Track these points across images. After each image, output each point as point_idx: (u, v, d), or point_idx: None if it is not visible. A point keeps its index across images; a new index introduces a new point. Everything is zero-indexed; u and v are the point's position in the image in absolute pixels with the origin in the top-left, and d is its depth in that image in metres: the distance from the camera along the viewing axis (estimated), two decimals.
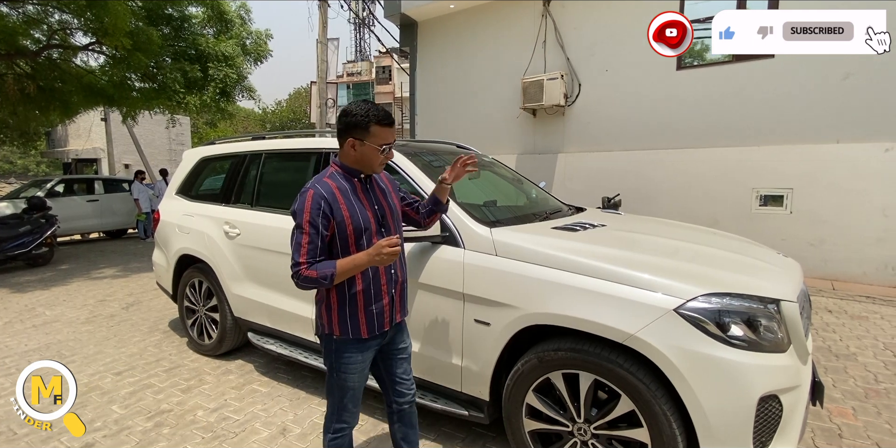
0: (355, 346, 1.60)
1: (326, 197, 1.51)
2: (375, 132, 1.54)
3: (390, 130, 1.57)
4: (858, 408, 2.51)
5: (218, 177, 3.55)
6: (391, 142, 1.57)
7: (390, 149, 1.58)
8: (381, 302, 1.60)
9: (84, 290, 5.48)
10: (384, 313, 1.61)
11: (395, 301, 1.65)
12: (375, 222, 1.59)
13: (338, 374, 1.62)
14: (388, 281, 1.62)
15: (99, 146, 19.93)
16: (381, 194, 1.66)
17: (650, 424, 1.61)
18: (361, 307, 1.57)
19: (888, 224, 4.71)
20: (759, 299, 1.64)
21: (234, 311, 3.11)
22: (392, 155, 1.61)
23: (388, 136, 1.56)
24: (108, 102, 8.90)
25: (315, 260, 1.50)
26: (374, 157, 1.56)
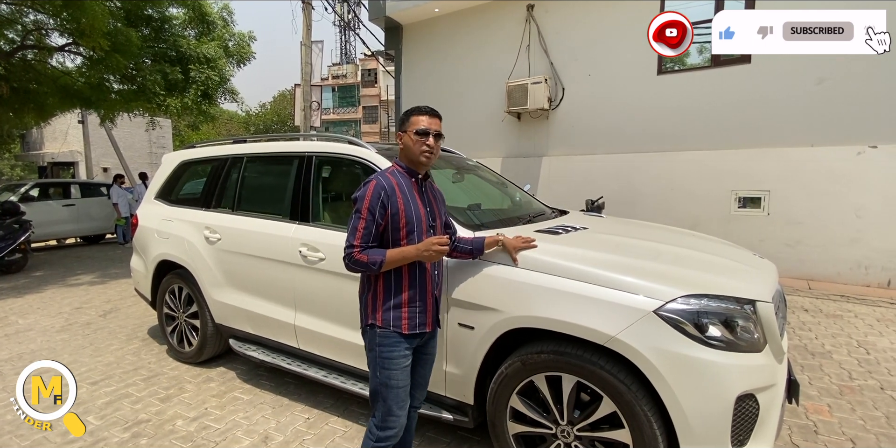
0: (397, 340, 1.62)
1: (386, 188, 1.61)
2: (413, 121, 1.67)
3: (427, 118, 1.66)
4: (834, 404, 2.57)
5: (198, 181, 3.49)
6: (430, 127, 1.65)
7: (431, 136, 1.64)
8: (424, 301, 1.66)
9: (59, 297, 5.33)
10: (426, 313, 1.66)
11: (435, 305, 1.71)
12: (426, 221, 1.67)
13: (381, 371, 1.63)
14: (432, 282, 1.68)
15: (76, 149, 19.46)
16: (434, 200, 1.76)
17: (631, 425, 1.62)
18: (405, 301, 1.63)
19: (861, 225, 4.86)
20: (735, 300, 1.68)
21: (215, 317, 3.06)
22: (432, 142, 1.65)
23: (425, 123, 1.65)
24: (85, 104, 8.71)
25: (367, 245, 1.60)
26: (414, 145, 1.65)
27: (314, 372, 2.52)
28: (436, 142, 1.67)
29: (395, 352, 1.62)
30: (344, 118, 35.01)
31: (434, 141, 1.66)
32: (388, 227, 1.62)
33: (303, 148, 2.78)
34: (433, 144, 1.65)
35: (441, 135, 1.70)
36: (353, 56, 35.62)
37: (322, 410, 2.60)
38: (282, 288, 2.63)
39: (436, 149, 1.67)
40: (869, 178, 4.81)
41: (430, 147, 1.65)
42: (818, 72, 4.99)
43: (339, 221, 2.68)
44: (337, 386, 2.39)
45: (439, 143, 1.69)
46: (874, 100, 4.76)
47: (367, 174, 3.13)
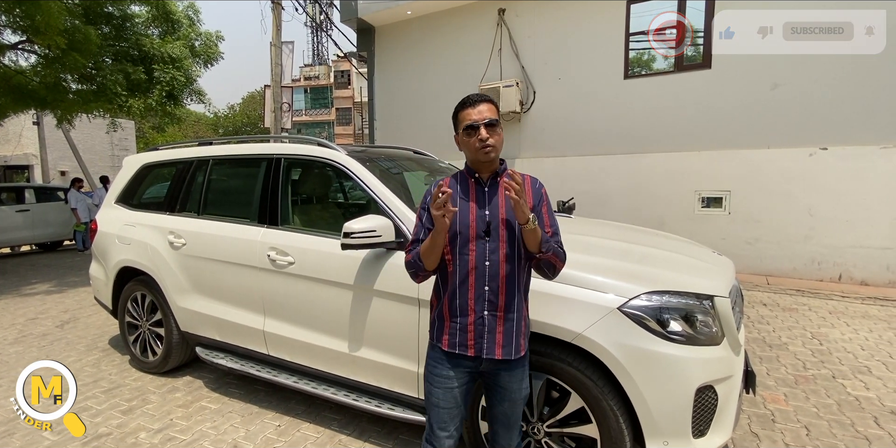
0: (439, 356, 1.48)
1: (432, 193, 1.40)
2: (460, 118, 1.44)
3: (472, 109, 1.42)
4: (789, 394, 2.71)
5: (162, 184, 3.38)
6: (476, 119, 1.40)
7: (482, 128, 1.39)
8: (465, 317, 1.42)
9: (13, 307, 5.04)
10: (468, 332, 1.42)
11: (489, 326, 1.41)
12: (478, 228, 1.41)
13: (425, 385, 1.51)
14: (478, 297, 1.41)
15: (31, 152, 18.48)
16: (504, 199, 1.43)
17: (599, 420, 1.67)
18: (447, 315, 1.45)
19: (814, 223, 5.14)
20: (695, 296, 1.75)
21: (180, 325, 2.96)
22: (485, 134, 1.39)
23: (471, 115, 1.41)
24: (40, 105, 8.29)
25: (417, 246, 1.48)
26: (467, 143, 1.43)
27: (284, 378, 2.47)
28: (491, 132, 1.40)
29: (437, 369, 1.47)
30: (317, 120, 34.52)
31: (487, 131, 1.40)
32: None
33: (271, 150, 2.74)
34: (486, 136, 1.39)
35: (494, 123, 1.41)
36: (325, 57, 35.22)
37: (293, 417, 2.55)
38: (250, 293, 2.58)
39: (496, 140, 1.41)
40: (820, 178, 5.09)
41: (483, 140, 1.39)
42: (773, 77, 5.26)
43: (310, 224, 2.65)
44: (308, 392, 2.35)
45: (496, 133, 1.42)
46: (824, 104, 5.05)
47: (338, 176, 3.14)
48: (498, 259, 1.40)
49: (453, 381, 1.46)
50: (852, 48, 4.87)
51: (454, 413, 1.47)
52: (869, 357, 3.18)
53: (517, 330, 1.44)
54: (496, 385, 1.48)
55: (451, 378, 1.45)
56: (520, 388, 1.49)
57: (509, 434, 1.54)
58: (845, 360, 3.13)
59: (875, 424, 2.36)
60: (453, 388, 1.46)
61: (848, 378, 2.88)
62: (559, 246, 1.45)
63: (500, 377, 1.46)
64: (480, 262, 1.41)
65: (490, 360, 1.43)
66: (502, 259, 1.40)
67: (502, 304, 1.42)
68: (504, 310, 1.42)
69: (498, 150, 1.43)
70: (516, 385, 1.48)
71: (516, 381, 1.47)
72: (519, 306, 1.45)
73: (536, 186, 1.50)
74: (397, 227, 2.07)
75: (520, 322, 1.45)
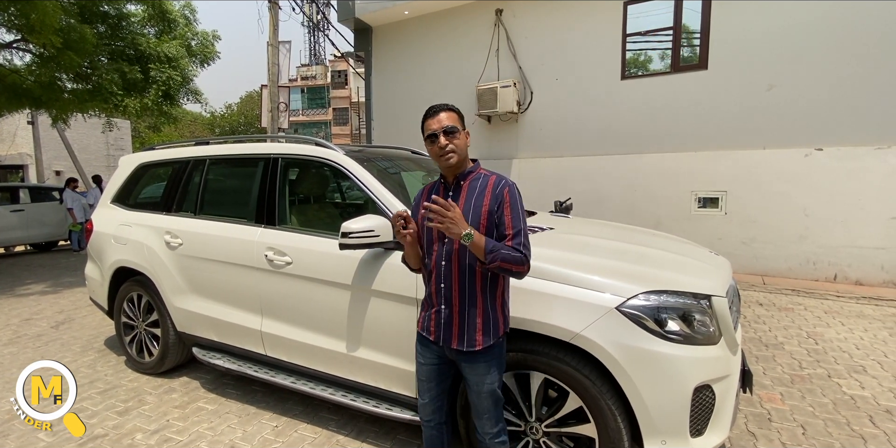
0: (419, 336, 1.67)
1: (416, 199, 1.70)
2: (424, 127, 1.58)
3: (432, 119, 1.55)
4: (786, 393, 2.72)
5: (158, 184, 3.37)
6: (434, 128, 1.53)
7: (440, 136, 1.51)
8: (432, 308, 1.60)
9: (7, 308, 5.01)
10: (431, 321, 1.59)
11: (446, 320, 1.54)
12: (439, 232, 1.51)
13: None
14: (437, 292, 1.55)
15: (25, 151, 18.33)
16: (464, 203, 1.54)
17: (597, 419, 1.67)
18: (424, 303, 1.65)
19: (809, 223, 5.16)
20: (692, 295, 1.75)
21: (177, 325, 2.95)
22: (443, 141, 1.51)
23: (431, 125, 1.55)
24: (35, 104, 8.23)
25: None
26: (430, 151, 1.58)
27: (282, 378, 2.46)
28: (449, 139, 1.52)
29: (419, 346, 1.67)
30: (314, 120, 34.44)
31: (446, 139, 1.52)
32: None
33: (268, 150, 2.73)
34: (444, 143, 1.51)
35: (452, 130, 1.53)
36: (322, 57, 35.16)
37: (291, 418, 2.55)
38: (247, 293, 2.57)
39: (455, 145, 1.52)
40: (815, 179, 5.11)
41: (441, 148, 1.52)
42: (768, 78, 5.28)
43: (307, 224, 2.65)
44: (306, 392, 2.35)
45: (456, 138, 1.53)
46: (820, 105, 5.08)
47: (336, 176, 3.13)
48: (452, 259, 1.52)
49: (425, 358, 1.65)
50: (846, 48, 4.90)
51: (429, 386, 1.66)
52: (864, 356, 3.20)
53: (471, 326, 1.53)
54: (462, 375, 1.62)
55: (428, 358, 1.64)
56: (482, 382, 1.56)
57: (480, 423, 1.63)
58: (841, 360, 3.15)
59: (870, 423, 2.38)
60: (424, 364, 1.65)
61: (843, 377, 2.90)
62: (516, 249, 1.45)
63: (463, 367, 1.59)
64: (439, 262, 1.55)
65: (450, 349, 1.57)
66: (455, 259, 1.52)
67: (456, 301, 1.53)
68: (458, 306, 1.53)
69: (459, 154, 1.54)
70: (477, 378, 1.56)
71: (477, 374, 1.56)
72: (473, 304, 1.53)
73: (498, 188, 1.53)
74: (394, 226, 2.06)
75: (474, 319, 1.53)
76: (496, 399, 1.60)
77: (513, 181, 1.59)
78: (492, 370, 1.56)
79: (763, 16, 5.27)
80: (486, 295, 1.54)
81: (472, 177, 1.58)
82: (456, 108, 1.60)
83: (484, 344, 1.53)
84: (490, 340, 1.53)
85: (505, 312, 1.60)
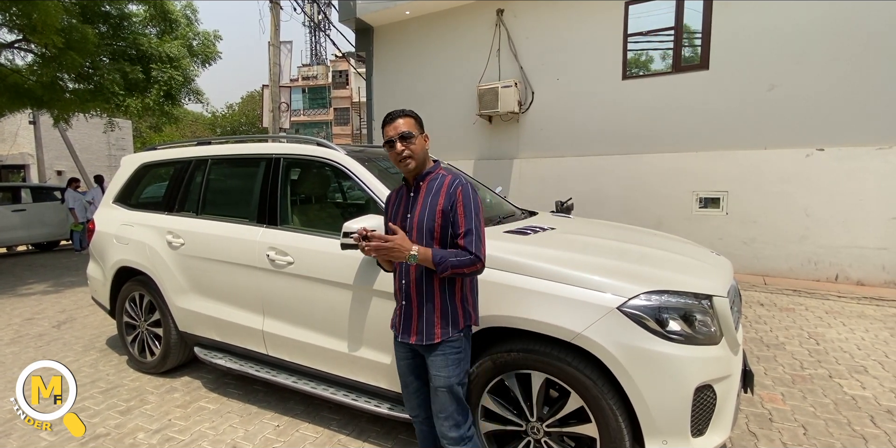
0: (394, 334, 1.72)
1: (387, 201, 1.80)
2: (383, 133, 1.66)
3: (389, 126, 1.63)
4: (787, 393, 2.72)
5: (160, 184, 3.37)
6: (391, 135, 1.62)
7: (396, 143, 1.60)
8: (397, 304, 1.68)
9: (9, 308, 5.02)
10: (397, 317, 1.67)
11: (406, 315, 1.64)
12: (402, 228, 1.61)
13: None
14: (399, 291, 1.66)
15: (27, 151, 18.36)
16: (422, 204, 1.62)
17: (598, 419, 1.67)
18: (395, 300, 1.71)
19: (810, 223, 5.16)
20: (693, 295, 1.75)
21: (179, 325, 2.95)
22: (399, 147, 1.60)
23: (388, 132, 1.63)
24: (36, 104, 8.24)
25: None
26: (390, 157, 1.65)
27: (283, 378, 2.47)
28: (406, 144, 1.60)
29: (395, 343, 1.73)
30: (315, 120, 34.46)
31: (403, 144, 1.60)
32: None
33: (270, 150, 2.73)
34: (400, 149, 1.60)
35: (408, 135, 1.60)
36: (323, 57, 35.17)
37: (292, 417, 2.55)
38: (249, 293, 2.57)
39: (412, 150, 1.60)
40: (816, 179, 5.11)
41: (399, 153, 1.61)
42: (770, 78, 5.28)
43: (309, 224, 2.65)
44: (307, 391, 2.35)
45: (412, 143, 1.61)
46: (821, 105, 5.07)
47: (337, 176, 3.13)
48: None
49: (399, 354, 1.72)
50: (848, 48, 4.90)
51: (408, 381, 1.73)
52: (865, 357, 3.20)
53: (429, 320, 1.59)
54: (427, 370, 1.66)
55: (398, 352, 1.73)
56: (437, 376, 1.59)
57: (438, 425, 1.63)
58: (842, 360, 3.15)
59: (871, 423, 2.38)
60: (400, 360, 1.72)
61: (845, 377, 2.89)
62: (466, 249, 1.52)
63: (426, 362, 1.64)
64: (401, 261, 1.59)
65: (414, 343, 1.63)
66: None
67: (414, 296, 1.61)
68: (416, 301, 1.61)
69: (416, 159, 1.62)
70: (434, 371, 1.61)
71: (434, 367, 1.61)
72: (431, 299, 1.59)
73: (452, 188, 1.60)
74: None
75: (432, 313, 1.59)
76: (454, 397, 1.60)
77: (468, 181, 1.64)
78: (448, 364, 1.59)
79: (764, 16, 5.26)
80: (443, 289, 1.60)
81: (431, 177, 1.67)
82: (414, 113, 1.67)
83: (442, 336, 1.58)
84: (448, 332, 1.59)
85: (465, 306, 1.63)
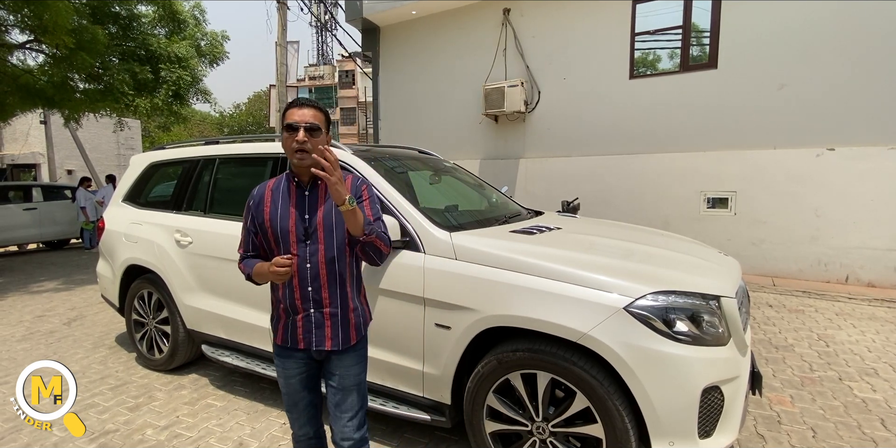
0: (278, 350, 1.59)
1: (255, 198, 1.56)
2: (286, 115, 1.45)
3: (299, 110, 1.43)
4: (796, 395, 2.69)
5: (168, 183, 3.40)
6: (296, 120, 1.41)
7: (301, 130, 1.40)
8: (295, 316, 1.51)
9: (20, 305, 5.09)
10: (297, 329, 1.51)
11: (315, 322, 1.50)
12: (297, 232, 1.47)
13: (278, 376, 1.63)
14: (304, 298, 1.49)
15: (38, 151, 18.62)
16: (324, 203, 1.49)
17: (604, 420, 1.66)
18: (281, 313, 1.55)
19: (820, 223, 5.10)
20: (701, 296, 1.74)
21: (186, 322, 2.98)
22: (302, 136, 1.40)
23: (293, 116, 1.42)
24: (47, 104, 8.35)
25: (247, 254, 1.60)
26: (285, 144, 1.44)
27: None
28: (311, 136, 1.40)
29: (277, 361, 1.59)
30: None
31: (306, 135, 1.40)
32: (262, 237, 1.54)
33: (277, 149, 2.74)
34: (302, 138, 1.39)
35: (318, 129, 1.42)
36: (329, 57, 35.30)
37: None
38: (256, 291, 2.57)
39: (313, 145, 1.40)
40: (827, 179, 5.05)
41: (299, 143, 1.40)
42: (779, 77, 5.22)
43: None
44: None
45: (320, 140, 1.43)
46: (831, 104, 5.01)
47: None
48: (318, 260, 1.48)
49: (292, 370, 1.56)
50: (858, 47, 4.84)
51: (300, 397, 1.59)
52: (876, 359, 3.16)
53: (344, 323, 1.53)
54: (329, 372, 1.57)
55: (289, 369, 1.56)
56: (349, 374, 1.56)
57: (340, 426, 1.56)
58: (852, 362, 3.11)
59: (882, 426, 2.35)
60: (292, 377, 1.57)
61: (854, 380, 2.86)
62: (383, 231, 1.52)
63: (331, 364, 1.56)
64: (302, 265, 1.48)
65: (320, 351, 1.53)
66: (321, 260, 1.48)
67: (326, 301, 1.50)
68: (329, 306, 1.51)
69: (311, 159, 1.36)
70: (345, 370, 1.55)
71: (345, 367, 1.55)
72: (344, 301, 1.53)
73: (356, 185, 1.54)
74: (402, 226, 2.08)
75: (346, 315, 1.54)
76: (363, 395, 1.61)
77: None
78: (361, 360, 1.60)
79: (773, 14, 5.21)
80: (353, 290, 1.56)
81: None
82: (326, 110, 1.51)
83: (356, 339, 1.56)
84: (362, 332, 1.59)
85: (368, 305, 1.65)
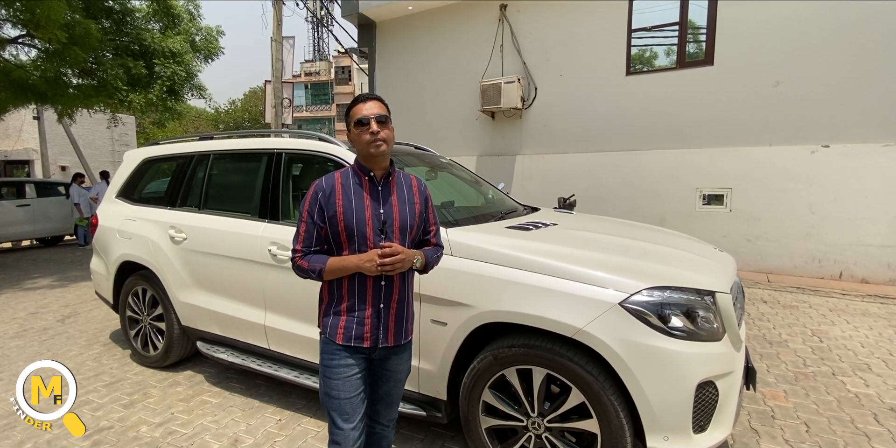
0: (336, 348, 1.51)
1: (325, 189, 1.50)
2: (353, 113, 1.50)
3: (364, 105, 1.49)
4: (789, 390, 2.71)
5: (163, 179, 3.38)
6: (366, 114, 1.46)
7: (373, 122, 1.45)
8: (363, 311, 1.49)
9: (13, 302, 5.05)
10: (365, 325, 1.49)
11: (383, 319, 1.50)
12: (374, 226, 1.47)
13: (323, 379, 1.53)
14: (375, 292, 1.49)
15: (31, 147, 18.44)
16: (397, 200, 1.52)
17: (599, 415, 1.67)
18: (344, 310, 1.50)
19: (815, 220, 5.12)
20: (696, 292, 1.74)
21: (181, 319, 2.97)
22: (375, 127, 1.44)
23: (362, 111, 1.47)
24: (40, 100, 8.28)
25: (310, 249, 1.53)
26: (358, 138, 1.48)
27: (285, 373, 2.48)
28: (381, 127, 1.46)
29: (333, 360, 1.51)
30: (317, 116, 34.45)
31: (378, 126, 1.45)
32: (329, 231, 1.49)
33: (272, 145, 2.73)
34: (378, 129, 1.45)
35: (386, 119, 1.49)
36: (326, 53, 35.07)
37: (294, 411, 2.56)
38: (251, 288, 2.58)
39: (385, 135, 1.46)
40: (822, 176, 5.07)
41: (374, 134, 1.44)
42: (775, 75, 5.23)
43: None
44: (309, 386, 2.36)
45: (389, 129, 1.49)
46: (826, 101, 5.03)
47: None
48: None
49: (352, 369, 1.51)
50: (854, 44, 4.85)
51: (354, 402, 1.51)
52: (869, 354, 3.18)
53: (409, 318, 1.59)
54: (384, 369, 1.60)
55: (350, 366, 1.51)
56: (404, 369, 1.64)
57: (388, 412, 1.66)
58: (845, 358, 3.13)
59: (875, 421, 2.37)
60: (352, 376, 1.51)
61: (848, 375, 2.88)
62: (438, 245, 1.66)
63: (389, 361, 1.59)
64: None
65: (383, 348, 1.53)
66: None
67: (396, 297, 1.52)
68: (397, 302, 1.53)
69: (389, 145, 1.47)
70: (402, 365, 1.62)
71: (402, 361, 1.62)
72: (410, 298, 1.59)
73: (422, 187, 1.62)
74: None
75: (410, 311, 1.60)
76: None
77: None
78: (411, 356, 1.68)
79: (769, 11, 5.21)
80: (410, 287, 1.61)
81: (395, 173, 1.57)
82: (385, 101, 1.56)
83: (413, 331, 1.62)
84: (413, 326, 1.63)
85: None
